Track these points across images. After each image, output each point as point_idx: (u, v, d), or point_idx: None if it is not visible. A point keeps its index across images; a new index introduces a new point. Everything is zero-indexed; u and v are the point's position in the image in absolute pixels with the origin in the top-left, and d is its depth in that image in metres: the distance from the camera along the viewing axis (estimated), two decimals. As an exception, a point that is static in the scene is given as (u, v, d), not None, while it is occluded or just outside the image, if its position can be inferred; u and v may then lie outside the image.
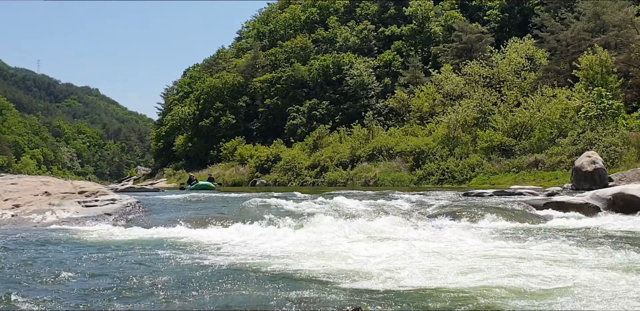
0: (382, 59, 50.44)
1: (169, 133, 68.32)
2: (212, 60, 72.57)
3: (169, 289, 4.78)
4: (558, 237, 7.98)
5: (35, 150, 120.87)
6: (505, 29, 46.84)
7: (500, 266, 5.67)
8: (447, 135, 34.43)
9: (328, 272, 5.52)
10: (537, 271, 5.44)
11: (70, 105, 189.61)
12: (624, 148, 25.15)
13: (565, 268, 5.64)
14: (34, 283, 5.06)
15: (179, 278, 5.18)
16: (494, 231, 8.83)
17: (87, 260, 6.24)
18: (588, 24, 35.10)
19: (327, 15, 58.75)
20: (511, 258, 6.21)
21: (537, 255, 6.45)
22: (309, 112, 50.46)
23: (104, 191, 12.91)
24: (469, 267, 5.67)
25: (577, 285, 4.84)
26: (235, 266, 5.84)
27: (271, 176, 44.62)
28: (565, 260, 6.10)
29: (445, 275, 5.31)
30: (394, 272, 5.45)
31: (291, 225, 9.14)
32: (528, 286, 4.83)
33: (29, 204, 11.30)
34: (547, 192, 15.67)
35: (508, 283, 4.92)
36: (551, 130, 30.25)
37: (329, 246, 7.11)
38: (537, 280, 5.06)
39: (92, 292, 4.69)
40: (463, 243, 7.55)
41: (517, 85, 35.35)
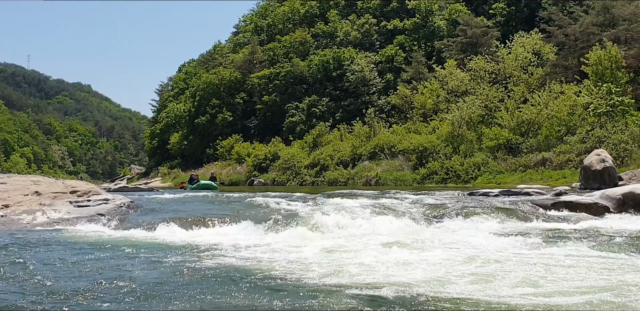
0: (384, 54, 49.53)
1: (164, 131, 67.35)
2: (208, 55, 71.59)
3: (155, 292, 4.70)
4: (585, 240, 7.69)
5: (25, 148, 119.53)
6: (512, 23, 46.22)
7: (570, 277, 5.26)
8: (452, 132, 34.04)
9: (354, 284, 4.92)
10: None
11: (62, 101, 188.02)
12: (634, 146, 24.98)
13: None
14: (18, 285, 5.04)
15: (168, 281, 5.12)
16: (503, 233, 8.60)
17: (77, 263, 6.16)
18: (597, 18, 34.65)
19: (327, 8, 57.84)
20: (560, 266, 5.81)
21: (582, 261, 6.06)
22: (308, 109, 49.57)
23: (96, 191, 12.84)
24: (524, 278, 5.21)
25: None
26: (228, 270, 5.64)
27: (269, 175, 43.88)
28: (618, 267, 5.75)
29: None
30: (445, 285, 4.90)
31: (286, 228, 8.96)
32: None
33: (19, 204, 11.20)
34: (555, 191, 15.41)
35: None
36: (559, 127, 30.07)
37: (352, 254, 6.67)
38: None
39: (76, 294, 4.64)
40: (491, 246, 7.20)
41: (524, 81, 34.87)
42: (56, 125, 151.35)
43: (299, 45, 55.16)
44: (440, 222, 9.83)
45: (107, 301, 4.43)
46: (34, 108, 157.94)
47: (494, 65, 35.95)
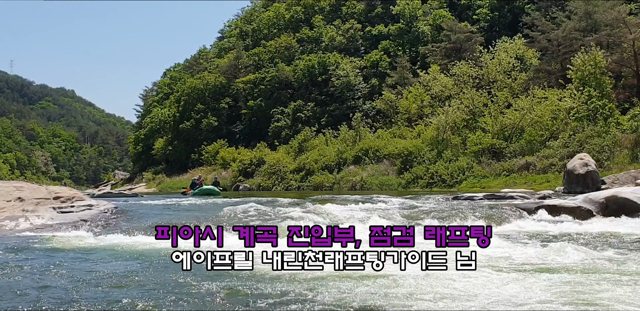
0: (369, 59, 49.68)
1: (148, 136, 66.87)
2: (193, 60, 71.37)
3: (135, 298, 4.62)
4: (569, 243, 7.59)
5: (8, 154, 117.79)
6: (495, 29, 46.63)
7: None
8: (436, 137, 34.18)
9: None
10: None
11: (45, 107, 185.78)
12: (616, 150, 25.14)
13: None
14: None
15: (149, 290, 5.03)
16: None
17: (57, 269, 6.10)
18: (579, 23, 34.98)
19: (312, 14, 57.99)
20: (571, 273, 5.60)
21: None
22: (293, 113, 49.51)
23: (80, 196, 12.81)
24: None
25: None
26: (203, 277, 5.42)
27: (255, 180, 43.68)
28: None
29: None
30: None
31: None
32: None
33: (1, 210, 11.14)
34: (539, 195, 15.71)
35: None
36: (542, 132, 30.15)
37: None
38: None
39: (52, 299, 4.62)
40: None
41: (507, 86, 34.96)
42: (39, 130, 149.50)
43: (284, 50, 55.12)
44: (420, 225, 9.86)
45: (91, 304, 4.44)
46: (17, 114, 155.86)
47: (478, 70, 36.07)
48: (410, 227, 4.89)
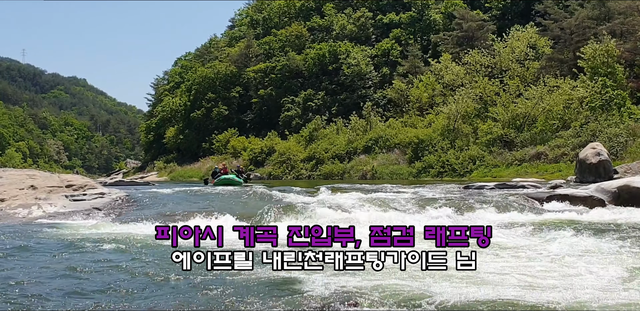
0: (380, 48, 49.39)
1: (160, 125, 67.05)
2: (203, 49, 71.18)
3: (143, 289, 4.65)
4: (582, 232, 7.55)
5: (21, 142, 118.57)
6: (508, 17, 46.12)
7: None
8: (447, 126, 33.98)
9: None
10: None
11: (57, 96, 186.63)
12: (629, 140, 24.94)
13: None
14: (10, 280, 4.96)
15: (159, 279, 5.04)
16: (500, 225, 8.51)
17: (71, 257, 6.09)
18: (593, 12, 34.60)
19: (323, 2, 57.64)
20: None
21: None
22: (304, 103, 49.43)
23: (92, 185, 12.82)
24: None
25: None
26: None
27: (265, 169, 43.84)
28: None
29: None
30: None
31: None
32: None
33: (15, 198, 11.12)
34: (551, 184, 15.51)
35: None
36: (554, 121, 29.81)
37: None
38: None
39: (68, 288, 4.62)
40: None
41: (519, 75, 34.63)
42: (52, 119, 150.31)
43: (295, 39, 54.89)
44: (438, 214, 9.74)
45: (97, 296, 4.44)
46: (29, 103, 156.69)
47: (490, 59, 35.83)
48: (410, 227, 4.88)
